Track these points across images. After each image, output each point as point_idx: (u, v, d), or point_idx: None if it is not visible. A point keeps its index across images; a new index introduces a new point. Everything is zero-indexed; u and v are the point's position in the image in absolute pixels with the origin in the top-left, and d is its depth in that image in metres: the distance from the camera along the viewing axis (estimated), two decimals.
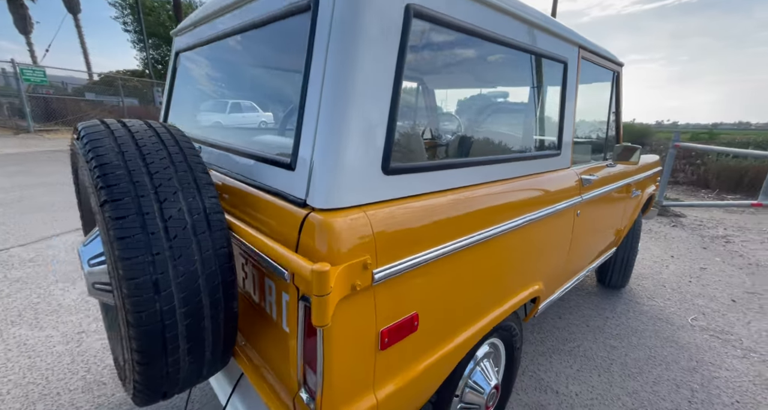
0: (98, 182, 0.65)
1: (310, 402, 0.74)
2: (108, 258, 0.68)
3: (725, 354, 2.02)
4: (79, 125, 0.78)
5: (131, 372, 0.73)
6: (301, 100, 0.76)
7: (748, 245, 3.77)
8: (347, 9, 0.69)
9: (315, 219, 0.68)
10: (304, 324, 0.72)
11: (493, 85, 1.68)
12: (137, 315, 0.64)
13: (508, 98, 1.42)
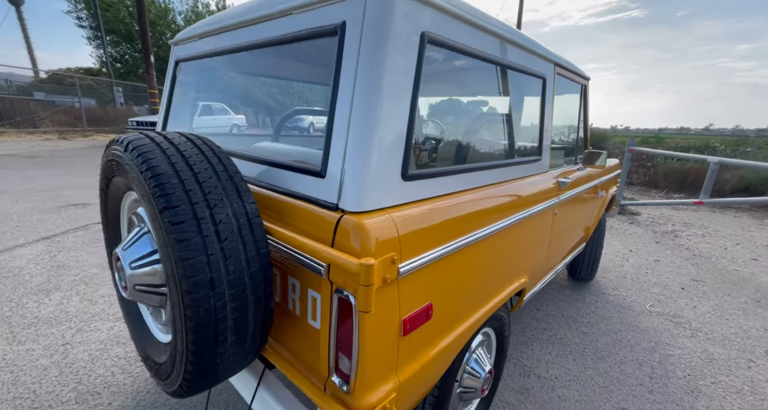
0: (156, 191, 0.70)
1: (343, 384, 0.82)
2: (166, 259, 0.73)
3: (677, 334, 2.28)
4: (124, 138, 0.82)
5: (183, 364, 0.77)
6: (330, 117, 0.84)
7: (693, 239, 4.22)
8: (374, 36, 0.78)
9: (349, 221, 0.77)
10: (337, 315, 0.80)
11: (484, 98, 1.83)
12: (196, 309, 0.69)
13: (498, 109, 1.57)
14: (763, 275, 3.26)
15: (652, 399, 1.75)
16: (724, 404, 1.73)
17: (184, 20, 19.43)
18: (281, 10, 0.99)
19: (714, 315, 2.53)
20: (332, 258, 0.73)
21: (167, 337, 0.97)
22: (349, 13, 0.82)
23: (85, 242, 3.33)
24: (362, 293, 0.69)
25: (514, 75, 1.35)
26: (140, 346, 1.03)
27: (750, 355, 2.11)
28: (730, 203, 5.56)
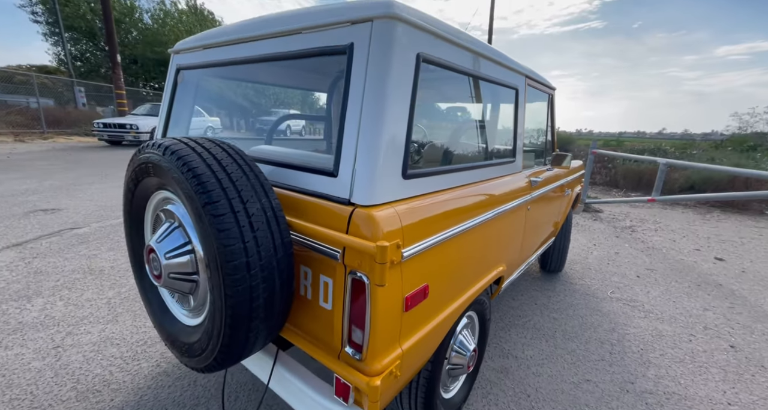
0: (198, 189, 0.81)
1: (356, 353, 0.96)
2: (208, 247, 0.84)
3: (633, 316, 2.57)
4: (162, 143, 0.92)
5: (219, 339, 0.88)
6: (340, 124, 0.98)
7: (647, 233, 4.65)
8: (380, 57, 0.93)
9: (361, 213, 0.91)
10: (351, 293, 0.93)
11: (466, 106, 2.01)
12: (235, 288, 0.81)
13: (479, 116, 1.75)
14: (703, 264, 3.67)
15: (611, 370, 1.99)
16: (669, 371, 2.00)
17: (152, 19, 18.74)
18: (292, 29, 1.12)
19: (663, 298, 2.86)
20: (350, 243, 0.86)
21: (195, 320, 1.06)
22: (357, 36, 0.97)
23: (61, 248, 3.24)
24: (378, 269, 0.83)
25: (492, 86, 1.54)
26: (165, 332, 1.11)
27: (691, 331, 2.42)
28: (678, 200, 6.13)
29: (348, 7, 0.99)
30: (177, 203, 1.02)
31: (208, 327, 0.91)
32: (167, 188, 0.99)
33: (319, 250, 0.95)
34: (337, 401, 0.98)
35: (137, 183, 1.07)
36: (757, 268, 3.60)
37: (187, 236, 0.98)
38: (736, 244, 4.35)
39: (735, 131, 17.72)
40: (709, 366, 2.08)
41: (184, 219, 0.98)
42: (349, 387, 0.94)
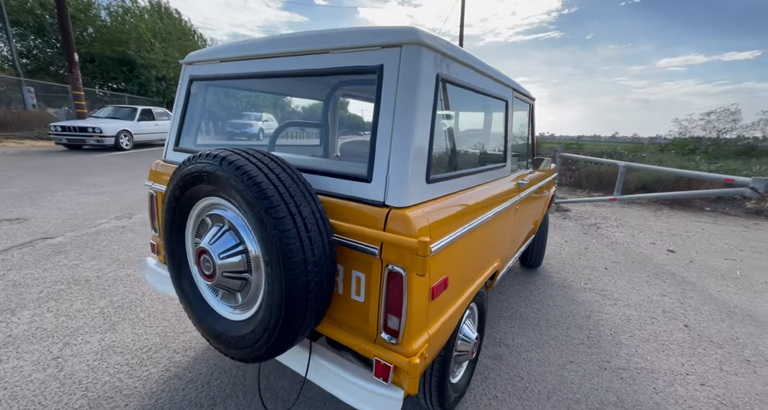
0: (260, 195, 0.90)
1: (392, 338, 1.08)
2: (268, 247, 0.93)
3: (604, 304, 2.86)
4: (218, 154, 1.00)
5: (274, 331, 0.97)
6: (372, 136, 1.11)
7: (610, 230, 5.09)
8: (409, 77, 1.07)
9: (396, 214, 1.04)
10: (387, 285, 1.06)
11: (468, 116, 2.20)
12: (294, 283, 0.91)
13: (477, 126, 1.93)
14: (658, 255, 4.10)
15: (590, 352, 2.23)
16: (638, 350, 2.27)
17: (110, 16, 17.73)
18: (320, 49, 1.23)
19: (628, 287, 3.19)
20: (392, 240, 0.99)
21: (243, 315, 1.13)
22: (386, 58, 1.10)
23: (36, 259, 3.09)
24: (420, 261, 0.96)
25: (488, 99, 1.72)
26: (207, 328, 1.17)
27: (652, 314, 2.74)
28: (634, 199, 6.73)
29: (377, 33, 1.12)
30: (227, 208, 1.09)
31: (265, 319, 0.99)
32: (219, 195, 1.06)
33: (357, 247, 1.07)
34: (377, 381, 1.10)
35: (184, 191, 1.13)
36: (701, 258, 4.07)
37: (238, 238, 1.06)
38: (683, 237, 4.88)
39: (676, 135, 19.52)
40: (669, 343, 2.38)
41: (236, 222, 1.06)
42: (389, 367, 1.06)
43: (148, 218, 4.50)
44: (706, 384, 2.01)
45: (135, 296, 2.58)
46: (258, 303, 1.07)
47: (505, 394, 1.85)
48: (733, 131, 18.57)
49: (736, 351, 2.32)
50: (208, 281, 1.09)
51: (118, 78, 18.32)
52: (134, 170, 7.73)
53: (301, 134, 5.34)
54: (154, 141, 12.78)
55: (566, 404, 1.80)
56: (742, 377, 2.08)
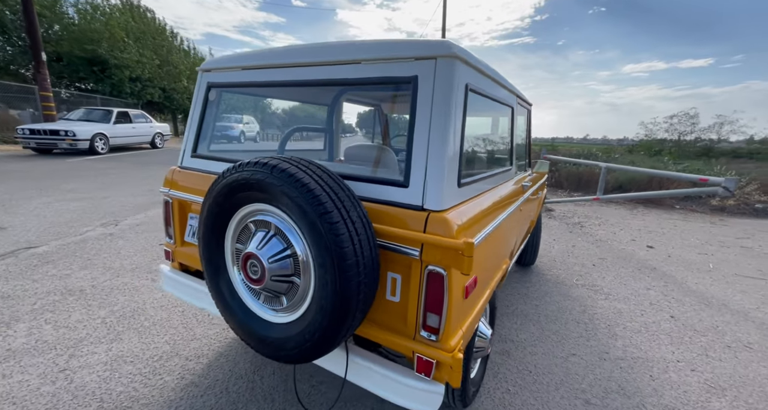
0: (314, 201, 0.94)
1: (431, 335, 1.13)
2: (321, 250, 0.96)
3: (596, 298, 3.03)
4: (268, 162, 1.03)
5: (323, 331, 1.00)
6: (408, 143, 1.16)
7: (593, 228, 5.35)
8: (443, 87, 1.13)
9: (435, 217, 1.10)
10: (426, 284, 1.11)
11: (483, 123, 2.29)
12: (347, 284, 0.95)
13: (488, 132, 2.03)
14: (639, 251, 4.35)
15: (589, 344, 2.36)
16: (632, 340, 2.43)
17: (78, 13, 16.92)
18: (351, 59, 1.28)
19: (616, 282, 3.38)
20: (435, 242, 1.04)
21: (288, 318, 1.15)
22: (421, 70, 1.16)
23: (23, 269, 2.95)
24: (466, 261, 1.02)
25: (498, 105, 1.81)
26: (249, 332, 1.18)
27: (641, 307, 2.92)
28: (614, 199, 7.08)
29: (412, 45, 1.18)
30: (273, 213, 1.12)
31: (317, 320, 1.02)
32: (265, 201, 1.09)
33: (396, 250, 1.12)
34: (419, 377, 1.15)
35: (228, 198, 1.14)
36: (678, 253, 4.36)
37: (286, 243, 1.09)
38: (659, 234, 5.19)
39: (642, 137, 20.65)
40: (658, 333, 2.55)
41: (283, 227, 1.09)
42: (432, 363, 1.11)
43: (136, 224, 4.36)
44: (696, 369, 2.17)
45: (136, 304, 2.52)
46: (306, 305, 1.10)
47: (516, 387, 1.94)
48: (692, 134, 19.83)
49: (717, 338, 2.52)
50: (255, 286, 1.11)
51: (88, 78, 17.46)
52: (113, 175, 7.44)
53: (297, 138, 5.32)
54: (132, 145, 12.31)
55: (574, 394, 1.90)
56: (725, 362, 2.26)
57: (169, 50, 20.57)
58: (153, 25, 20.06)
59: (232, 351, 2.08)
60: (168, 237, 1.84)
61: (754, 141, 21.81)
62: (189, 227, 1.72)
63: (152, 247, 3.63)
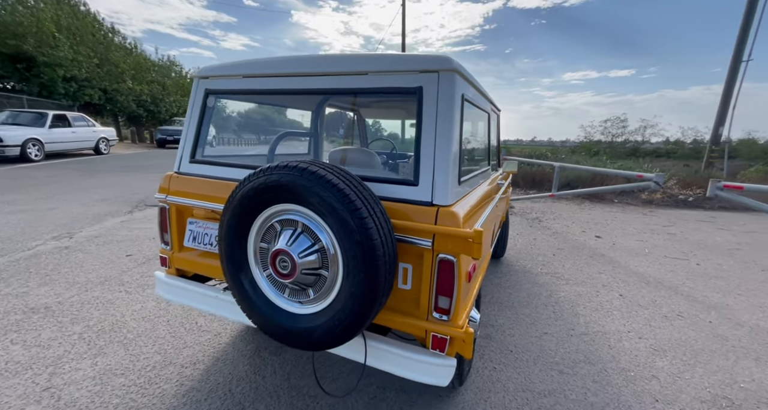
0: (345, 200, 1.05)
1: (442, 316, 1.28)
2: (351, 244, 1.06)
3: (559, 284, 3.38)
4: (297, 165, 1.11)
5: (348, 320, 1.11)
6: (416, 147, 1.30)
7: (549, 222, 5.87)
8: (446, 98, 1.29)
9: (445, 211, 1.25)
10: (438, 270, 1.26)
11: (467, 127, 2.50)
12: (375, 274, 1.06)
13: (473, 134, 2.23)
14: (590, 241, 4.87)
15: (558, 324, 2.66)
16: (591, 317, 2.77)
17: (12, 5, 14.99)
18: (359, 71, 1.39)
19: (573, 269, 3.78)
20: (448, 232, 1.19)
21: (313, 308, 1.23)
22: (425, 81, 1.31)
23: None
24: (476, 248, 1.17)
25: (480, 112, 2.02)
26: (274, 326, 1.24)
27: (596, 288, 3.32)
28: (567, 195, 7.77)
29: (416, 60, 1.33)
30: (299, 212, 1.20)
31: (346, 307, 1.12)
32: (294, 202, 1.17)
33: (409, 242, 1.26)
34: (433, 353, 1.28)
35: (254, 200, 1.20)
36: (620, 241, 4.93)
37: (313, 239, 1.17)
38: (604, 225, 5.82)
39: (582, 139, 22.74)
40: (611, 310, 2.92)
41: (311, 225, 1.18)
42: (446, 339, 1.26)
43: (94, 236, 4.08)
44: (642, 337, 2.54)
45: (114, 318, 2.40)
46: (334, 295, 1.19)
47: (501, 365, 2.15)
48: (622, 136, 22.16)
49: (656, 311, 2.94)
50: (285, 280, 1.18)
51: (10, 77, 15.56)
52: (56, 185, 6.79)
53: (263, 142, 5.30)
54: (72, 151, 11.21)
55: (549, 366, 2.15)
56: (664, 329, 2.66)
57: (108, 48, 18.91)
58: (88, 20, 18.37)
59: (228, 355, 2.08)
60: (164, 244, 1.82)
61: (670, 142, 24.91)
62: (189, 233, 1.72)
63: (119, 259, 3.43)
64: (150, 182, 7.73)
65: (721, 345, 2.47)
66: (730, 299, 3.24)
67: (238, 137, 4.85)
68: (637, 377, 2.10)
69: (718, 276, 3.77)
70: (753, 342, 2.53)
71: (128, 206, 5.54)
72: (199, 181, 1.68)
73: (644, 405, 1.87)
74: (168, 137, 17.55)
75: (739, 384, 2.07)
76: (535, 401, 1.86)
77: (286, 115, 4.27)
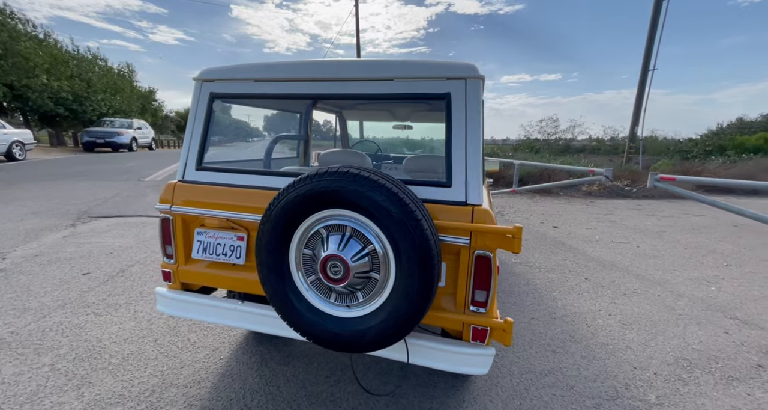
0: (400, 203, 1.08)
1: (479, 309, 1.36)
2: (407, 245, 1.09)
3: (533, 272, 3.66)
4: (349, 170, 1.10)
5: (402, 320, 1.14)
6: (447, 149, 1.36)
7: (511, 216, 6.30)
8: (474, 102, 1.37)
9: (480, 210, 1.32)
10: (475, 266, 1.33)
11: None
12: (431, 273, 1.10)
13: None
14: (549, 231, 5.33)
15: (541, 308, 2.90)
16: (567, 300, 3.06)
17: None
18: (385, 76, 1.42)
19: (543, 257, 4.13)
20: (487, 229, 1.26)
21: (362, 311, 1.22)
22: (453, 88, 1.38)
23: None
24: (517, 243, 1.26)
25: None
26: (321, 332, 1.22)
27: (565, 274, 3.66)
28: (526, 190, 8.36)
29: (444, 67, 1.39)
30: (347, 217, 1.19)
31: (401, 306, 1.14)
32: (342, 207, 1.16)
33: (447, 240, 1.32)
34: (475, 344, 1.36)
35: (299, 207, 1.17)
36: (575, 230, 5.47)
37: (363, 242, 1.18)
38: (557, 216, 6.39)
39: (522, 138, 24.61)
40: (581, 292, 3.25)
41: (360, 228, 1.18)
42: (486, 330, 1.34)
43: (34, 256, 3.58)
44: (611, 314, 2.87)
45: (89, 344, 2.16)
46: (385, 296, 1.21)
47: (501, 351, 2.30)
48: (555, 134, 24.34)
49: (617, 290, 3.33)
50: (337, 285, 1.17)
51: None
52: None
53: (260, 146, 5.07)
54: None
55: (543, 348, 2.35)
56: (626, 305, 3.03)
57: (14, 37, 16.31)
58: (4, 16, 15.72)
59: (234, 370, 1.98)
60: (166, 257, 1.67)
61: (593, 140, 27.92)
62: (197, 244, 1.61)
63: (74, 279, 3.06)
64: (88, 190, 6.91)
65: (671, 315, 2.88)
66: (668, 275, 3.77)
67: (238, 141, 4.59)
68: (615, 349, 2.37)
69: (655, 256, 4.35)
70: (692, 310, 2.98)
71: (68, 218, 4.91)
72: (210, 189, 1.58)
73: (626, 372, 2.14)
74: (98, 140, 15.68)
75: (691, 346, 2.44)
76: (538, 380, 2.03)
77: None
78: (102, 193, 6.74)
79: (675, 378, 2.09)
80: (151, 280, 3.10)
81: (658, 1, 11.94)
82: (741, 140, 17.64)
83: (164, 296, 1.65)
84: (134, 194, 6.77)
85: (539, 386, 1.98)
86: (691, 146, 18.96)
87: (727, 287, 3.50)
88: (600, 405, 1.85)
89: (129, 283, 3.02)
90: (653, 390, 1.98)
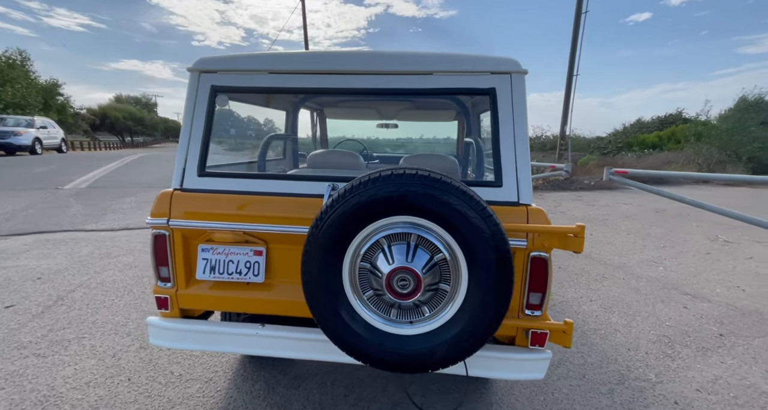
0: (478, 207, 0.99)
1: (534, 312, 1.31)
2: (486, 253, 0.99)
3: None
4: (427, 174, 0.98)
5: (487, 328, 1.04)
6: (495, 147, 1.29)
7: None
8: (520, 97, 1.31)
9: (533, 210, 1.27)
10: (531, 268, 1.28)
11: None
12: (509, 278, 1.02)
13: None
14: None
15: None
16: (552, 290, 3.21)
17: None
18: (424, 70, 1.30)
19: None
20: (545, 230, 1.21)
21: (427, 327, 1.10)
22: (497, 82, 1.31)
23: None
24: (579, 242, 1.21)
25: None
26: (381, 354, 1.07)
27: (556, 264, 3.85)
28: None
29: (488, 61, 1.31)
30: (411, 224, 1.05)
31: (475, 319, 1.03)
32: (407, 213, 1.02)
33: None
34: (535, 349, 1.30)
35: (357, 216, 1.01)
36: None
37: (431, 252, 1.05)
38: None
39: None
40: (561, 281, 3.44)
41: (427, 236, 1.05)
42: (546, 333, 1.29)
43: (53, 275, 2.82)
44: (592, 299, 3.07)
45: (39, 393, 1.72)
46: (456, 309, 1.09)
47: None
48: None
49: (589, 276, 3.60)
50: (405, 301, 1.03)
51: None
52: None
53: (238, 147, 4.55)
54: None
55: None
56: (601, 290, 3.27)
57: None
58: None
59: (238, 401, 1.72)
60: (161, 281, 1.36)
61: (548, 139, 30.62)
62: (203, 262, 1.33)
63: None
64: None
65: (638, 296, 3.17)
66: (624, 258, 4.18)
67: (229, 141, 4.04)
68: (607, 333, 2.54)
69: (608, 242, 4.81)
70: (653, 289, 3.33)
71: None
72: (218, 198, 1.32)
73: (622, 354, 2.28)
74: None
75: (665, 323, 2.70)
76: (552, 373, 2.07)
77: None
78: (8, 205, 5.60)
79: (663, 355, 2.28)
80: (103, 306, 2.60)
81: (578, 16, 13.33)
82: (642, 137, 20.45)
83: (160, 326, 1.35)
84: (53, 206, 5.73)
85: (555, 378, 2.02)
86: (606, 143, 21.53)
87: (671, 265, 3.98)
88: (613, 390, 1.94)
89: (74, 313, 2.50)
90: (650, 369, 2.14)
